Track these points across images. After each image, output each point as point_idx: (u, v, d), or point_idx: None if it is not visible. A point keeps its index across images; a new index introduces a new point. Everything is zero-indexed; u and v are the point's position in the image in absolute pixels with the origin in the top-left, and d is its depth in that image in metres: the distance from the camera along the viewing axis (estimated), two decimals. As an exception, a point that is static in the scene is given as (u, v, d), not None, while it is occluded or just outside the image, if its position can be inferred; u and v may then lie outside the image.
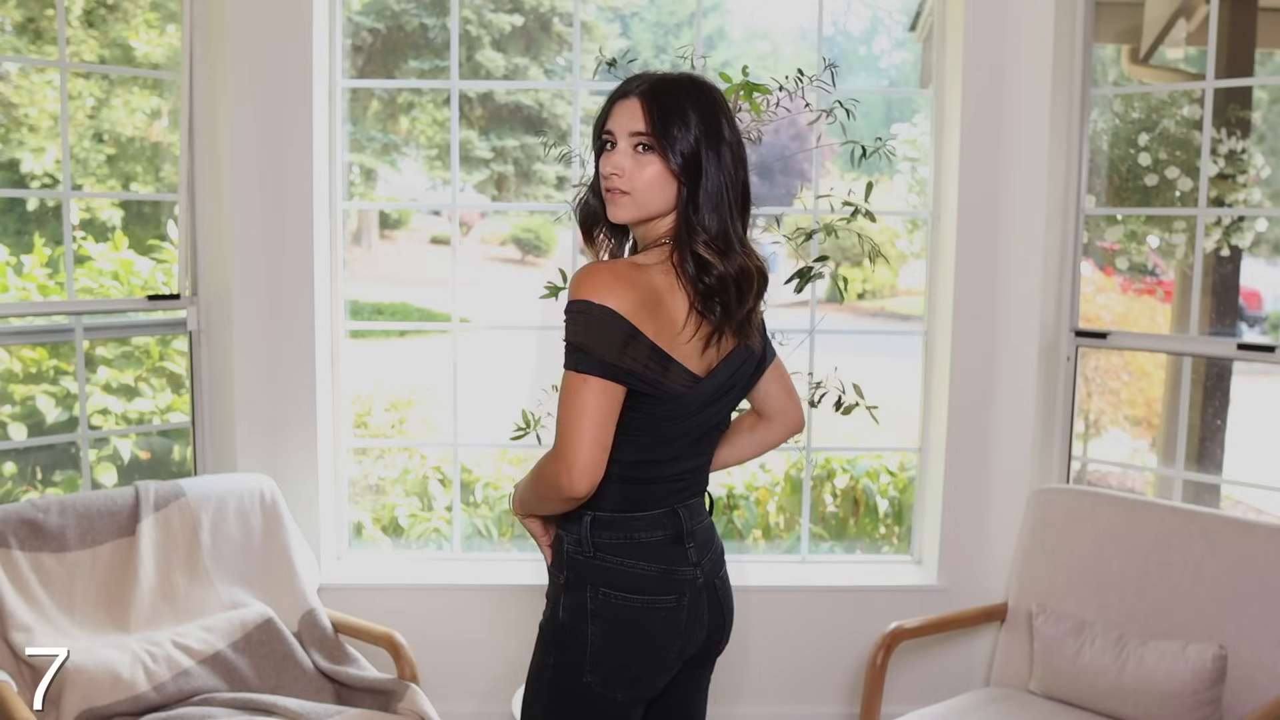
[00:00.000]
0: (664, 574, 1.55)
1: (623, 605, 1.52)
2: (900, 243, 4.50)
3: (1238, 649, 2.30)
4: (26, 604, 2.22)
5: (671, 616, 1.55)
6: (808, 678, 2.95)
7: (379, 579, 2.96)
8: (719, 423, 1.61)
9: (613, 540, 1.53)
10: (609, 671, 1.53)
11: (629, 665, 1.53)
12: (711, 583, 1.62)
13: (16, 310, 2.78)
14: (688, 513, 1.59)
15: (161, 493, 2.48)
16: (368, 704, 2.38)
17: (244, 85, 2.72)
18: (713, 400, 1.54)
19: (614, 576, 1.52)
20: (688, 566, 1.57)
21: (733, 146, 1.49)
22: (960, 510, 2.91)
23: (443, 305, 4.94)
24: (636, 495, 1.53)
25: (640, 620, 1.53)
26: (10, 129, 3.22)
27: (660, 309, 1.45)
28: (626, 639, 1.53)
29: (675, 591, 1.55)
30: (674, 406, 1.49)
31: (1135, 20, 3.14)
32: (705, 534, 1.63)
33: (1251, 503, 3.28)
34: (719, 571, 1.65)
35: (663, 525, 1.55)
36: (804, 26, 3.73)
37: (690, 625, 1.58)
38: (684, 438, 1.54)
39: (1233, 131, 2.98)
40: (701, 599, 1.59)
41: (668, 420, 1.50)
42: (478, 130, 5.22)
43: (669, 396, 1.47)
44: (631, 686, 1.55)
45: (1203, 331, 3.01)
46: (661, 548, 1.55)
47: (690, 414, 1.52)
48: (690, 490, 1.60)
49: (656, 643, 1.55)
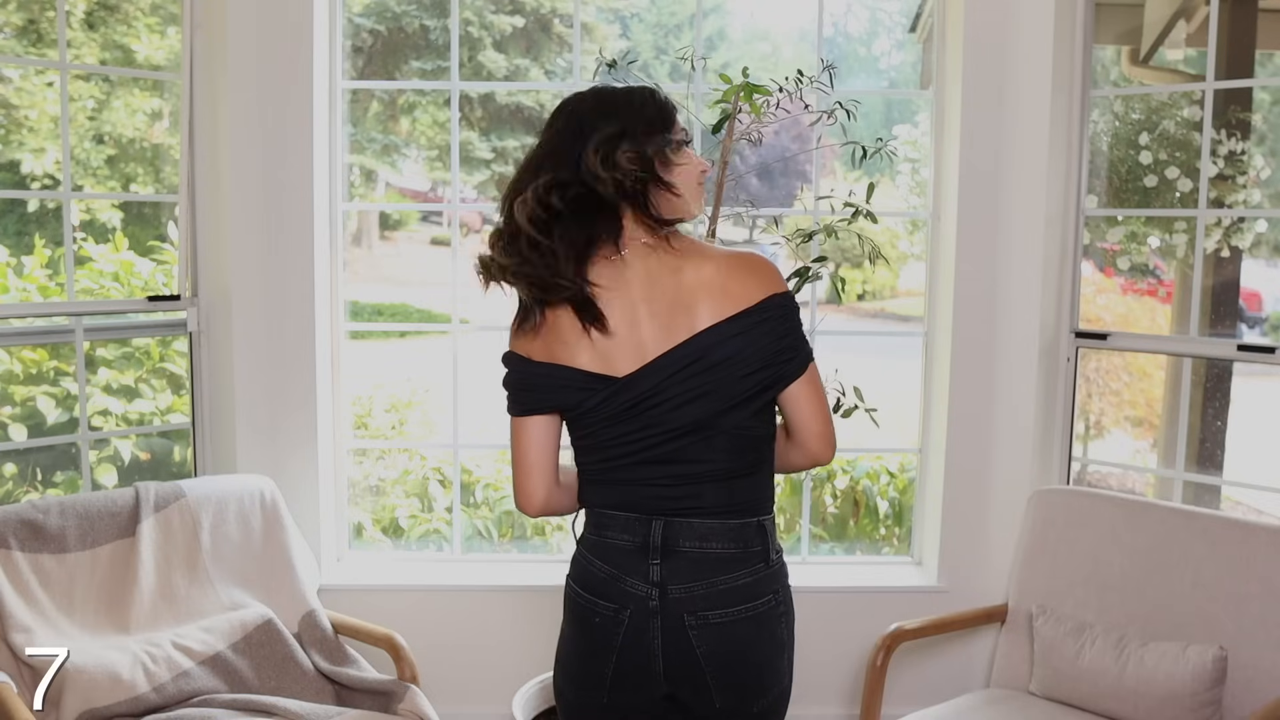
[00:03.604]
0: (611, 579, 1.52)
1: (576, 599, 1.58)
2: (902, 244, 4.50)
3: (1238, 650, 2.29)
4: (26, 605, 2.22)
5: (608, 625, 1.52)
6: (808, 678, 2.94)
7: (379, 580, 2.96)
8: (691, 428, 1.48)
9: (588, 535, 1.59)
10: (557, 661, 1.63)
11: (567, 660, 1.61)
12: (680, 617, 1.48)
13: (17, 311, 2.78)
14: (669, 529, 1.49)
15: (162, 494, 2.48)
16: (368, 705, 2.37)
17: (244, 87, 2.72)
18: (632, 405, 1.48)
19: (577, 569, 1.59)
20: (642, 582, 1.49)
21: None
22: (960, 511, 2.91)
23: (443, 306, 4.93)
24: (605, 496, 1.55)
25: (582, 616, 1.56)
26: (11, 130, 3.23)
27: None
28: (570, 631, 1.61)
29: (618, 602, 1.51)
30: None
31: (1135, 21, 3.14)
32: (695, 567, 1.49)
33: (1252, 504, 3.28)
34: (704, 614, 1.48)
35: (631, 530, 1.51)
36: (804, 28, 3.73)
37: (631, 646, 1.50)
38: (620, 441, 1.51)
39: (1233, 133, 2.98)
40: (653, 625, 1.49)
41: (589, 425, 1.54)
42: (478, 131, 5.22)
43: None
44: (573, 684, 1.59)
45: (1203, 332, 3.01)
46: (622, 554, 1.52)
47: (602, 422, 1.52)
48: (678, 507, 1.49)
49: (591, 647, 1.55)
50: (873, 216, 2.39)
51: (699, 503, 1.49)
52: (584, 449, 1.56)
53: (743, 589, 1.50)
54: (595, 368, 1.49)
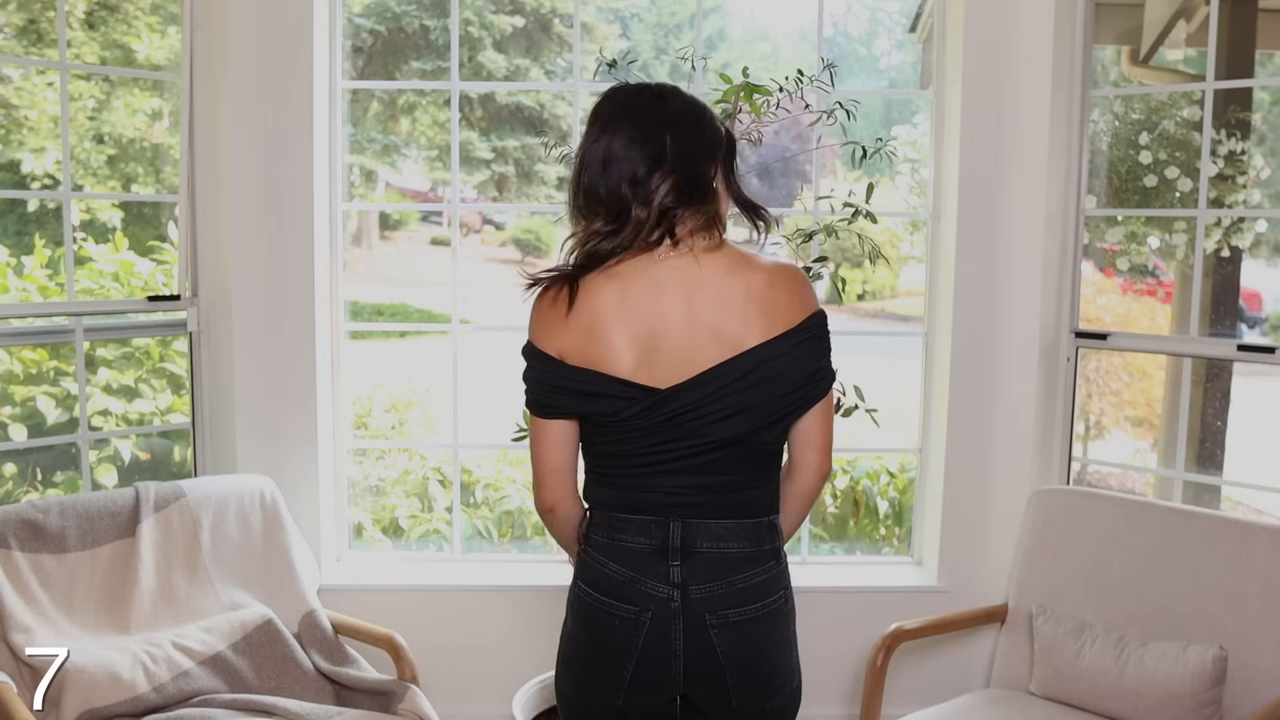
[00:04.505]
0: (630, 581, 1.50)
1: (588, 601, 1.54)
2: (903, 246, 4.50)
3: (1238, 650, 2.29)
4: (26, 605, 2.22)
5: (628, 628, 1.50)
6: (808, 678, 2.91)
7: (379, 580, 2.96)
8: (728, 443, 1.48)
9: (598, 538, 1.55)
10: (561, 662, 1.60)
11: (574, 662, 1.57)
12: (701, 616, 1.49)
13: (17, 311, 2.78)
14: (687, 530, 1.50)
15: (162, 494, 2.48)
16: (368, 705, 2.37)
17: (245, 87, 2.72)
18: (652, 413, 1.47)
19: (589, 572, 1.55)
20: (663, 585, 1.49)
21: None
22: (960, 511, 2.91)
23: (443, 306, 4.94)
24: (618, 498, 1.53)
25: (599, 619, 1.53)
26: (11, 130, 3.23)
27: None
28: (581, 635, 1.56)
29: (638, 604, 1.50)
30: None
31: (1135, 21, 3.14)
32: (713, 567, 1.50)
33: (1252, 504, 3.28)
34: (724, 612, 1.50)
35: (648, 533, 1.50)
36: (804, 28, 3.73)
37: (652, 648, 1.50)
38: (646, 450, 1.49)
39: (1233, 133, 2.98)
40: (674, 626, 1.50)
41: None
42: (478, 131, 5.22)
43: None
44: (581, 688, 1.56)
45: (1203, 332, 3.01)
46: (640, 557, 1.50)
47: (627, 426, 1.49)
48: (697, 510, 1.50)
49: (610, 649, 1.52)
50: (873, 216, 2.39)
51: (716, 505, 1.51)
52: (603, 453, 1.52)
53: (758, 586, 1.52)
54: (638, 377, 1.45)
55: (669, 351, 1.45)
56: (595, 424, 1.50)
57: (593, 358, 1.46)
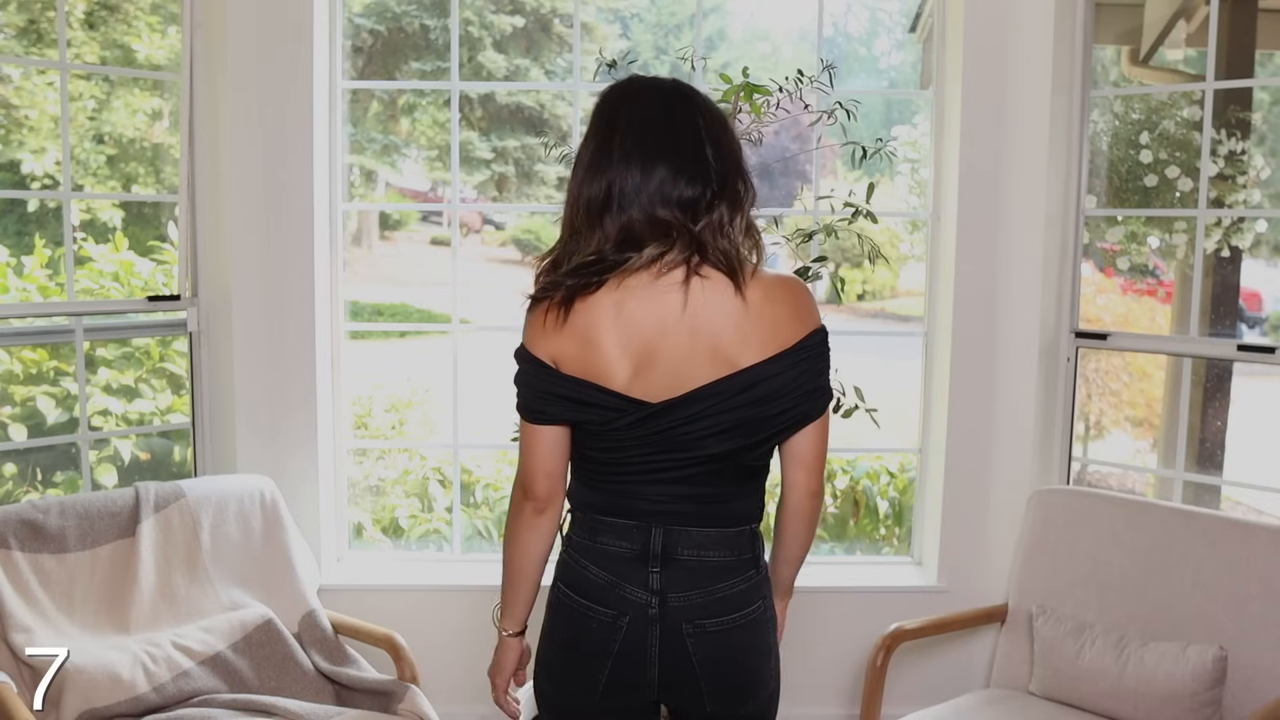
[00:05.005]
0: (610, 585, 1.50)
1: (567, 603, 1.54)
2: (903, 245, 4.50)
3: (1238, 650, 2.29)
4: (26, 605, 2.22)
5: (606, 631, 1.50)
6: (808, 678, 2.94)
7: (379, 580, 2.96)
8: (717, 458, 1.47)
9: (579, 539, 1.55)
10: (540, 664, 1.59)
11: (552, 662, 1.57)
12: (678, 625, 1.48)
13: (17, 311, 2.78)
14: (668, 537, 1.49)
15: (161, 494, 2.48)
16: (368, 705, 2.37)
17: (245, 87, 2.72)
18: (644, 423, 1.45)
19: (569, 573, 1.55)
20: (642, 590, 1.48)
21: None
22: (960, 511, 2.91)
23: (443, 306, 4.93)
24: (603, 502, 1.52)
25: (577, 621, 1.52)
26: (11, 130, 3.23)
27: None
28: (560, 636, 1.56)
29: (616, 609, 1.49)
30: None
31: (1135, 21, 3.14)
32: (693, 575, 1.49)
33: (1252, 504, 3.27)
34: (701, 622, 1.49)
35: (630, 538, 1.49)
36: (804, 28, 3.73)
37: (628, 652, 1.49)
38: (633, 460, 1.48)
39: (1233, 132, 2.98)
40: (651, 632, 1.49)
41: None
42: (478, 131, 5.22)
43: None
44: (559, 688, 1.56)
45: (1203, 332, 3.01)
46: (621, 561, 1.50)
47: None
48: (680, 517, 1.49)
49: (586, 651, 1.51)
50: (872, 216, 2.40)
51: (699, 514, 1.50)
52: (591, 458, 1.51)
53: (737, 596, 1.51)
54: (631, 389, 1.43)
55: (664, 365, 1.43)
56: (586, 431, 1.49)
57: (587, 367, 1.44)
